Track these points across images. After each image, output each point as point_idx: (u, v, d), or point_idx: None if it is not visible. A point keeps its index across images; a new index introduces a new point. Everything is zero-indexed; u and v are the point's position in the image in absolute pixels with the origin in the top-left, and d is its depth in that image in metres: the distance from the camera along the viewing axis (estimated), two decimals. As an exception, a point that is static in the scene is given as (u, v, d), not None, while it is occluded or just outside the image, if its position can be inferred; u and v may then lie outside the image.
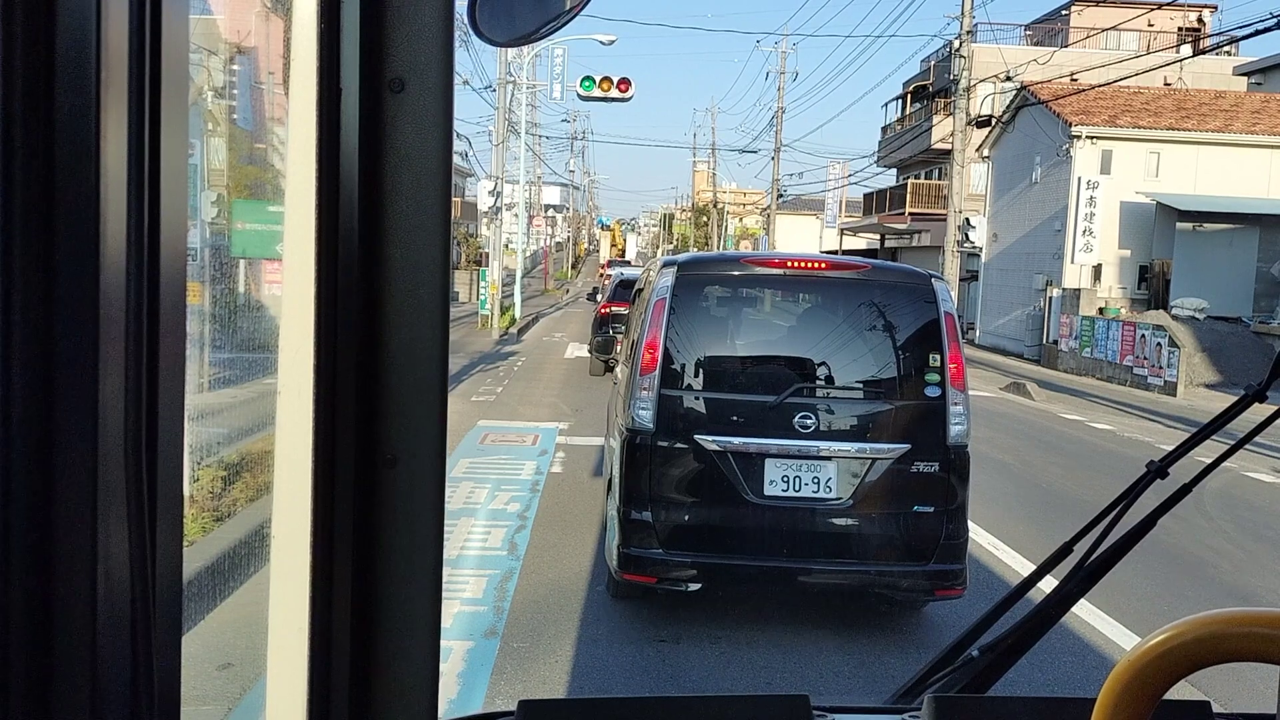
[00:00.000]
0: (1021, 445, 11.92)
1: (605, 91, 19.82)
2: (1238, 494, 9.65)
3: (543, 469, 9.02)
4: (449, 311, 0.92)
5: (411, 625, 0.90)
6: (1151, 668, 0.70)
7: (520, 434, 10.79)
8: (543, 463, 9.31)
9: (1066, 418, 15.17)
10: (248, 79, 3.67)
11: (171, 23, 0.57)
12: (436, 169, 0.86)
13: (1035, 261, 28.01)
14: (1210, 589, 6.52)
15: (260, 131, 4.57)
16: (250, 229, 4.76)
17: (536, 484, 8.41)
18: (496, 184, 22.84)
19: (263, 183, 4.82)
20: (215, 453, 4.42)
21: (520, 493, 8.07)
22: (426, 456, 0.88)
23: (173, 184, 0.58)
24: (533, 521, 7.19)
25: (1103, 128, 25.73)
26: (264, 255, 4.38)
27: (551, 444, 10.28)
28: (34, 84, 0.51)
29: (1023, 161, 29.14)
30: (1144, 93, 28.23)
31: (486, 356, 18.83)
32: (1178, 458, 0.87)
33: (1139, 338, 21.29)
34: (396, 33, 0.85)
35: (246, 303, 4.42)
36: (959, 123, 23.43)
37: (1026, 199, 28.79)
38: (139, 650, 0.57)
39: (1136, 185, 25.62)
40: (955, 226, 23.84)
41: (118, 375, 0.55)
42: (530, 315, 29.71)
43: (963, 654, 0.92)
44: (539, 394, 14.19)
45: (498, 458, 9.49)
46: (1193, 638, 0.70)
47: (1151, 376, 20.72)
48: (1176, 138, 26.01)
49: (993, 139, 30.23)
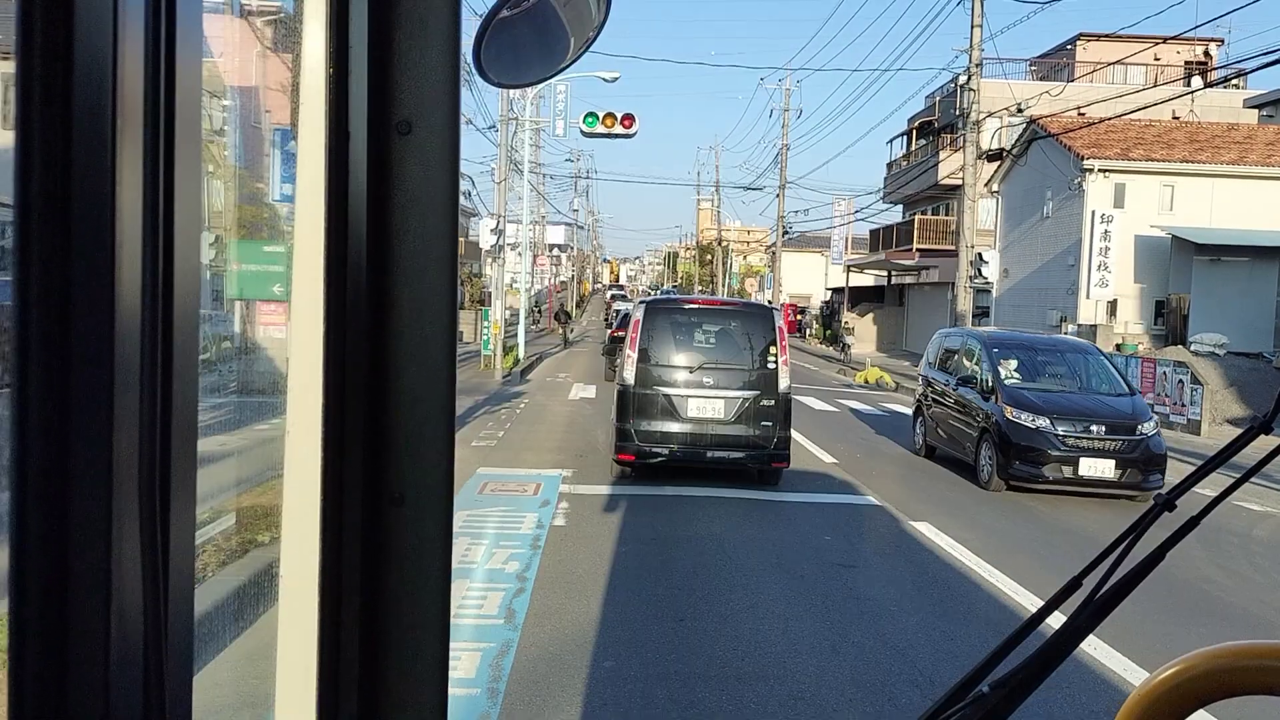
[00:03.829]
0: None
1: (609, 128, 19.33)
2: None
3: (544, 522, 8.44)
4: (456, 350, 0.92)
5: (419, 664, 0.89)
6: (1161, 702, 0.72)
7: (521, 483, 10.21)
8: (544, 515, 8.73)
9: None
10: (255, 121, 3.69)
11: (185, 68, 0.59)
12: (443, 209, 0.87)
13: (1048, 297, 27.49)
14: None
15: (260, 171, 4.65)
16: (252, 270, 4.87)
17: (538, 539, 7.83)
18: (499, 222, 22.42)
19: (262, 223, 4.95)
20: (224, 492, 4.52)
21: (520, 549, 7.49)
22: (434, 494, 0.88)
23: (186, 226, 0.60)
24: (533, 583, 6.60)
25: (1115, 161, 25.33)
26: (263, 296, 4.55)
27: (554, 493, 9.71)
28: (51, 129, 0.53)
29: (1033, 196, 28.73)
30: (1155, 125, 27.85)
31: (489, 399, 18.26)
32: (1185, 490, 0.84)
33: (1160, 375, 20.68)
34: (403, 76, 0.86)
35: (253, 343, 4.61)
36: (969, 156, 23.01)
37: (1038, 233, 28.33)
38: (151, 692, 0.58)
39: (1151, 219, 25.17)
40: (967, 262, 23.34)
41: (132, 423, 0.56)
42: (534, 355, 29.18)
43: (973, 690, 0.89)
44: (542, 438, 13.63)
45: (497, 509, 8.92)
46: (1202, 671, 0.73)
47: (1174, 414, 20.10)
48: (1191, 170, 25.60)
49: (1002, 173, 29.85)
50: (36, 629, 0.54)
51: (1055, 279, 27.06)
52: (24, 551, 0.54)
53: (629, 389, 10.28)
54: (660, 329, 10.44)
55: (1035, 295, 28.23)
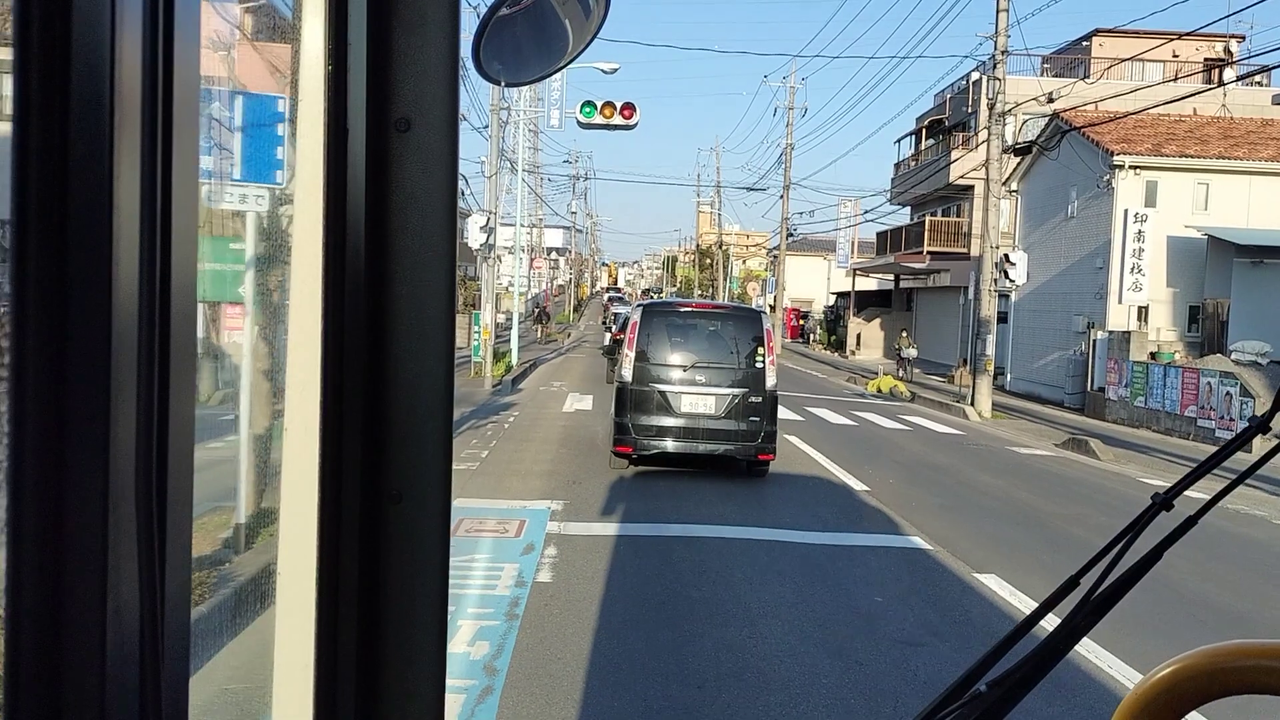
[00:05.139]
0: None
1: (608, 118, 17.58)
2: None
3: (526, 577, 6.81)
4: (454, 348, 0.91)
5: (417, 661, 0.88)
6: (1158, 702, 0.73)
7: (503, 520, 8.59)
8: (527, 566, 7.10)
9: (1148, 482, 12.94)
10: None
11: (183, 61, 0.59)
12: (442, 207, 0.87)
13: (1073, 301, 25.87)
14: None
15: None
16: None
17: (516, 604, 6.21)
18: (489, 219, 20.78)
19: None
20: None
21: (493, 621, 5.87)
22: (431, 492, 0.88)
23: (183, 221, 0.59)
24: (504, 677, 4.98)
25: (1147, 157, 23.73)
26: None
27: (540, 534, 8.09)
28: (48, 122, 0.52)
29: (1056, 194, 27.11)
30: (1186, 120, 26.25)
31: (477, 410, 16.63)
32: (1182, 490, 0.83)
33: (1203, 386, 19.10)
34: (402, 74, 0.85)
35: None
36: (994, 150, 21.43)
37: (1061, 234, 26.71)
38: (147, 692, 0.58)
39: (1184, 218, 23.55)
40: (991, 264, 21.72)
41: (129, 418, 0.56)
42: (528, 361, 27.52)
43: (970, 689, 0.86)
44: (531, 458, 12.02)
45: (471, 558, 7.30)
46: (1199, 671, 0.73)
47: (1220, 429, 18.51)
48: (1227, 167, 24.00)
49: (1021, 171, 28.24)
50: (32, 629, 0.54)
51: (1081, 282, 25.45)
52: (20, 551, 0.53)
53: (627, 386, 11.06)
54: (656, 330, 11.27)
55: (1058, 300, 26.61)
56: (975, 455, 15.06)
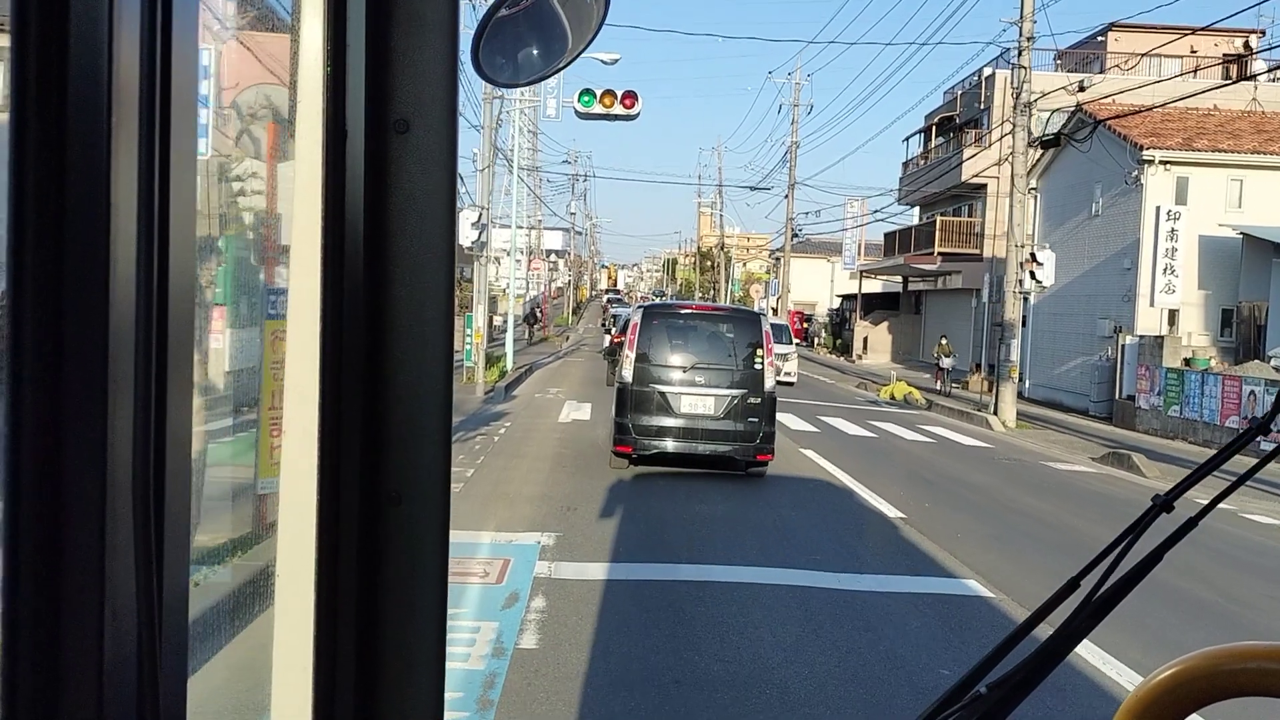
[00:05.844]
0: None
1: (608, 107, 16.13)
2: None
3: (506, 642, 5.50)
4: (454, 349, 0.90)
5: (416, 663, 0.87)
6: (1159, 704, 0.72)
7: (485, 561, 7.27)
8: (509, 626, 5.78)
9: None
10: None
11: (180, 61, 0.59)
12: (441, 208, 0.86)
13: (1098, 304, 24.58)
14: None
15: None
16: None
17: (491, 684, 4.89)
18: (480, 215, 19.48)
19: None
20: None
21: (463, 710, 4.56)
22: (431, 493, 0.87)
23: (180, 219, 0.59)
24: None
25: (1178, 151, 22.43)
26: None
27: (527, 579, 6.77)
28: (45, 120, 0.52)
29: (1078, 192, 25.82)
30: (1216, 114, 24.94)
31: (466, 420, 15.30)
32: (1183, 491, 0.82)
33: (1246, 395, 17.79)
34: (401, 75, 0.85)
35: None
36: (1019, 143, 20.13)
37: (1085, 233, 25.42)
38: (145, 692, 0.57)
39: (1217, 216, 22.27)
40: (1016, 264, 20.42)
41: (127, 418, 0.56)
42: (523, 366, 26.19)
43: (970, 691, 0.85)
44: (521, 478, 10.71)
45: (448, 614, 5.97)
46: (1200, 673, 0.73)
47: (1266, 442, 17.13)
48: (1263, 163, 22.71)
49: (1041, 168, 26.93)
50: (30, 629, 0.53)
51: (1107, 284, 24.15)
52: (18, 552, 0.53)
53: (627, 386, 11.12)
54: (656, 331, 11.39)
55: (1082, 302, 25.31)
56: (1010, 472, 13.75)
